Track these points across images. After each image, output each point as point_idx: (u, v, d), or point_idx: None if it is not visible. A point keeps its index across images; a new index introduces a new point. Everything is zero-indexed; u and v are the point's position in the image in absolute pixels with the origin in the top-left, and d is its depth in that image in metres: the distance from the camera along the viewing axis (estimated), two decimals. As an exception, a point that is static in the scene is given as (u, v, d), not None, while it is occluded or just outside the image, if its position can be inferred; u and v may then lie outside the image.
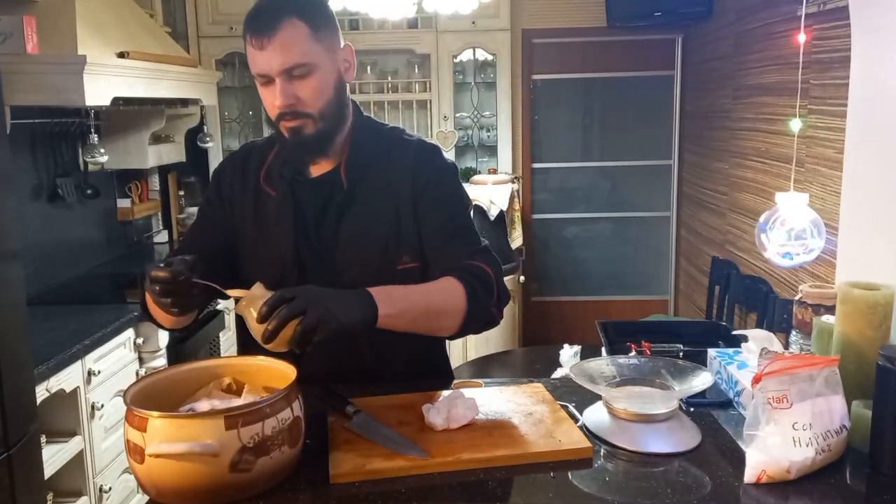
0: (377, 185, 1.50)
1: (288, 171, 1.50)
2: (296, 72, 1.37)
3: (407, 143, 1.55)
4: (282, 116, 1.41)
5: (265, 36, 1.34)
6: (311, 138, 1.42)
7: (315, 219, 1.50)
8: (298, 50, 1.36)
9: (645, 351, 2.19)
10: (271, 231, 1.51)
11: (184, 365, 1.34)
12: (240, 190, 1.55)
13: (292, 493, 1.18)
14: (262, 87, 1.41)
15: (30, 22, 2.55)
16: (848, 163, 1.70)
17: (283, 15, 1.35)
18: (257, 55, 1.37)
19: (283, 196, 1.50)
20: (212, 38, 4.37)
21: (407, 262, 1.49)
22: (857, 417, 1.28)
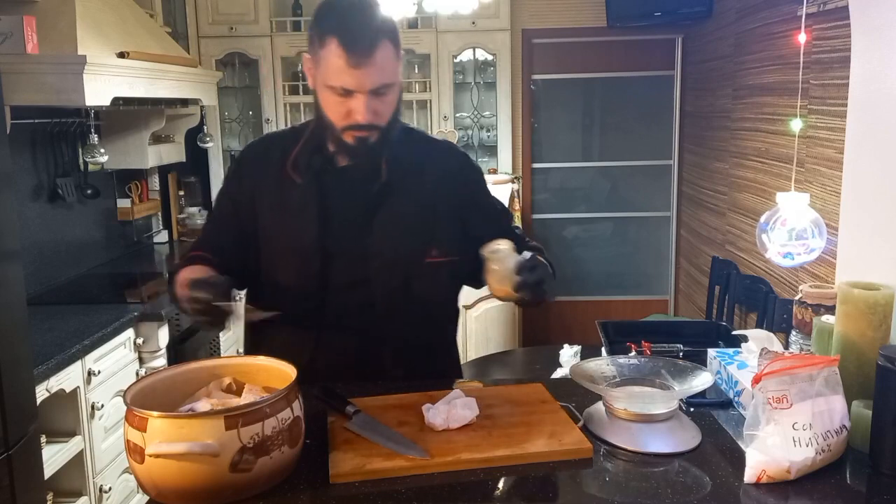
0: (416, 181, 1.54)
1: (317, 160, 1.52)
2: (381, 90, 1.42)
3: (444, 145, 1.66)
4: (352, 126, 1.43)
5: (363, 55, 1.37)
6: (374, 145, 1.46)
7: (344, 207, 1.52)
8: (389, 71, 1.41)
9: (645, 351, 2.19)
10: (295, 218, 1.52)
11: (184, 365, 1.34)
12: (261, 177, 1.56)
13: (292, 493, 1.18)
14: (334, 97, 1.42)
15: (30, 22, 2.55)
16: (848, 163, 1.70)
17: (379, 37, 1.39)
18: (349, 71, 1.38)
19: (309, 184, 1.51)
20: (212, 38, 4.37)
21: (435, 257, 1.54)
22: (857, 417, 1.28)
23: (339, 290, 1.53)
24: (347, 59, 1.37)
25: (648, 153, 5.03)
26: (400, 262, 1.52)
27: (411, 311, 1.55)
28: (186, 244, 4.36)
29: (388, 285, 1.53)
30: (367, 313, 1.54)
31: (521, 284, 1.37)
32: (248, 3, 4.34)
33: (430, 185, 1.56)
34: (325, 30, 1.39)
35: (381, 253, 1.52)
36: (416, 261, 1.53)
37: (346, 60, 1.37)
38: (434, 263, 1.53)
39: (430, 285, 1.54)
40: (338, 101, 1.42)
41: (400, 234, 1.52)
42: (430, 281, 1.54)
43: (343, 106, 1.42)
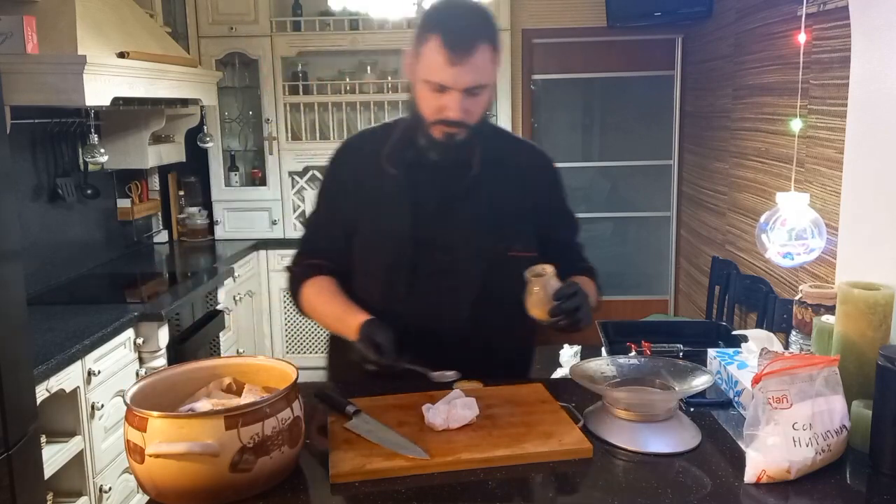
0: (501, 175, 1.61)
1: (410, 153, 1.58)
2: (475, 90, 1.47)
3: (532, 147, 1.74)
4: (442, 122, 1.49)
5: (462, 54, 1.42)
6: (461, 142, 1.52)
7: (436, 199, 1.58)
8: (484, 72, 1.47)
9: (645, 351, 2.19)
10: (389, 208, 1.60)
11: (184, 365, 1.34)
12: (357, 171, 1.65)
13: (292, 493, 1.18)
14: (429, 92, 1.48)
15: (30, 22, 2.55)
16: (848, 163, 1.70)
17: (480, 38, 1.44)
18: (446, 68, 1.43)
19: (403, 176, 1.58)
20: (212, 38, 4.37)
21: (518, 251, 1.59)
22: (857, 417, 1.28)
23: (428, 278, 1.59)
24: (447, 56, 1.43)
25: (648, 153, 5.03)
26: (484, 254, 1.58)
27: (492, 303, 1.60)
28: (186, 244, 4.37)
29: (472, 275, 1.59)
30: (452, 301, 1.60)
31: (556, 310, 1.45)
32: (248, 3, 4.33)
33: (516, 182, 1.63)
34: (430, 27, 1.46)
35: (467, 244, 1.58)
36: (499, 253, 1.58)
37: (445, 58, 1.43)
38: (515, 257, 1.57)
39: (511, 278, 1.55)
40: (432, 95, 1.48)
41: (486, 225, 1.59)
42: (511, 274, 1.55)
43: (437, 101, 1.48)
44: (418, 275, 1.59)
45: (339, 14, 4.25)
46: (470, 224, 1.58)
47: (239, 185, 4.58)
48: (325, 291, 1.64)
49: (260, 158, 4.62)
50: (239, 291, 4.02)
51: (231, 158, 4.61)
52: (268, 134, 4.47)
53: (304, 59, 4.54)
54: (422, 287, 1.59)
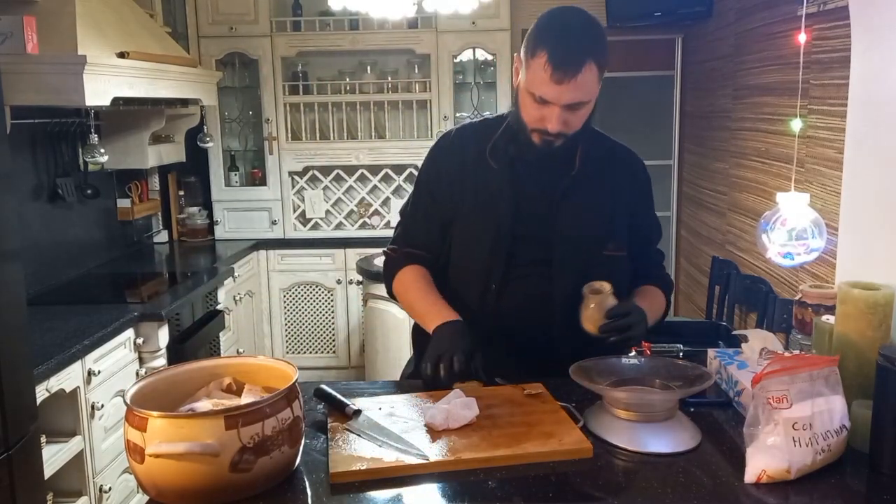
0: (599, 175, 1.66)
1: (512, 149, 1.63)
2: (576, 106, 1.52)
3: (629, 152, 1.78)
4: (541, 130, 1.54)
5: (568, 74, 1.46)
6: (557, 149, 1.57)
7: (536, 195, 1.63)
8: (587, 90, 1.50)
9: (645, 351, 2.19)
10: (491, 202, 1.64)
11: (184, 365, 1.34)
12: (458, 163, 1.68)
13: (292, 493, 1.18)
14: (531, 101, 1.53)
15: (30, 22, 2.55)
16: (848, 163, 1.70)
17: (587, 58, 1.47)
18: (551, 85, 1.47)
19: (505, 170, 1.63)
20: (212, 38, 4.37)
21: (612, 250, 1.65)
22: (857, 417, 1.28)
23: (522, 273, 1.63)
24: (552, 74, 1.47)
25: (648, 153, 4.98)
26: (580, 252, 1.62)
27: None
28: (186, 244, 4.37)
29: (568, 269, 1.62)
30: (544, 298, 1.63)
31: (606, 328, 1.52)
32: (248, 3, 4.33)
33: (613, 184, 1.68)
34: (540, 43, 1.50)
35: (564, 241, 1.62)
36: (594, 250, 1.63)
37: (550, 75, 1.47)
38: (611, 257, 1.64)
39: (604, 276, 1.59)
40: (535, 106, 1.52)
41: (583, 222, 1.63)
42: (606, 272, 1.60)
43: (538, 111, 1.52)
44: (513, 269, 1.63)
45: (339, 14, 4.24)
46: (567, 221, 1.62)
47: (239, 185, 4.58)
48: (420, 281, 1.69)
49: (260, 158, 4.62)
50: (239, 291, 4.02)
51: (231, 158, 4.61)
52: (268, 134, 4.47)
53: (304, 59, 4.54)
54: (516, 282, 1.63)
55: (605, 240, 1.64)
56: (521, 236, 1.62)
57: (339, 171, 4.58)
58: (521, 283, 1.64)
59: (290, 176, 4.54)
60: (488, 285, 1.64)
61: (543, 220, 1.62)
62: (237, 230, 4.54)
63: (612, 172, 1.69)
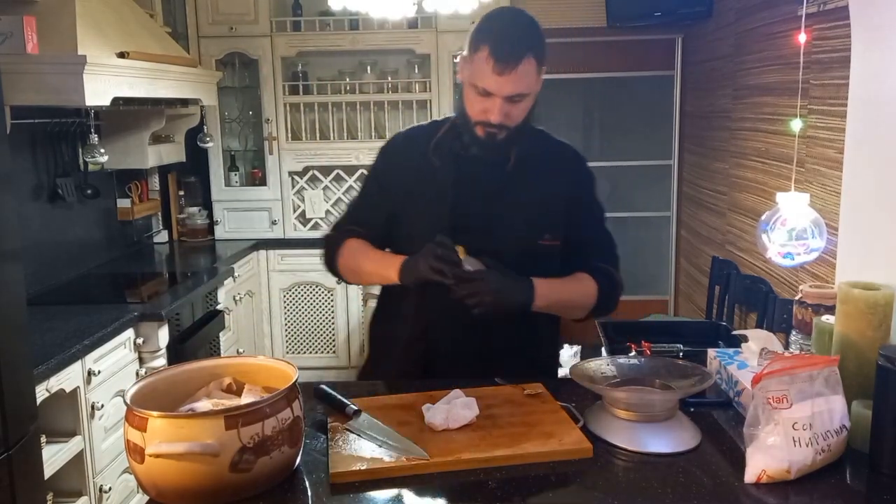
0: (536, 170, 1.72)
1: (455, 147, 1.70)
2: (516, 98, 1.59)
3: (566, 147, 1.83)
4: (484, 122, 1.61)
5: (509, 66, 1.54)
6: (500, 141, 1.64)
7: (475, 190, 1.70)
8: (527, 82, 1.58)
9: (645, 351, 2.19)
10: (432, 196, 1.71)
11: (184, 365, 1.34)
12: (406, 161, 1.77)
13: (292, 493, 1.18)
14: (475, 94, 1.60)
15: (30, 22, 2.54)
16: (848, 163, 1.70)
17: (526, 51, 1.55)
18: (492, 77, 1.55)
19: (446, 167, 1.71)
20: (212, 38, 4.37)
21: (548, 240, 1.71)
22: (857, 417, 1.28)
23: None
24: (494, 66, 1.54)
25: (648, 153, 5.03)
26: (518, 242, 1.69)
27: None
28: (186, 244, 4.37)
29: (504, 260, 1.66)
30: None
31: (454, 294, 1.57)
32: (248, 3, 4.33)
33: (549, 177, 1.74)
34: (482, 37, 1.57)
35: (502, 231, 1.69)
36: (531, 241, 1.70)
37: (492, 67, 1.54)
38: (546, 246, 1.71)
39: (541, 267, 1.69)
40: (478, 99, 1.60)
41: (520, 216, 1.70)
42: (542, 262, 1.70)
43: (481, 104, 1.60)
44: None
45: (339, 14, 4.24)
46: (504, 214, 1.69)
47: (239, 185, 4.57)
48: (362, 248, 1.77)
49: (260, 158, 4.62)
50: (239, 291, 4.02)
51: (231, 158, 4.61)
52: (268, 134, 4.47)
53: (304, 59, 4.54)
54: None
55: (540, 230, 1.70)
56: (460, 231, 1.66)
57: (340, 171, 4.58)
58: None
59: (290, 176, 4.53)
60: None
61: (482, 214, 1.69)
62: (237, 230, 4.54)
63: (550, 169, 1.74)
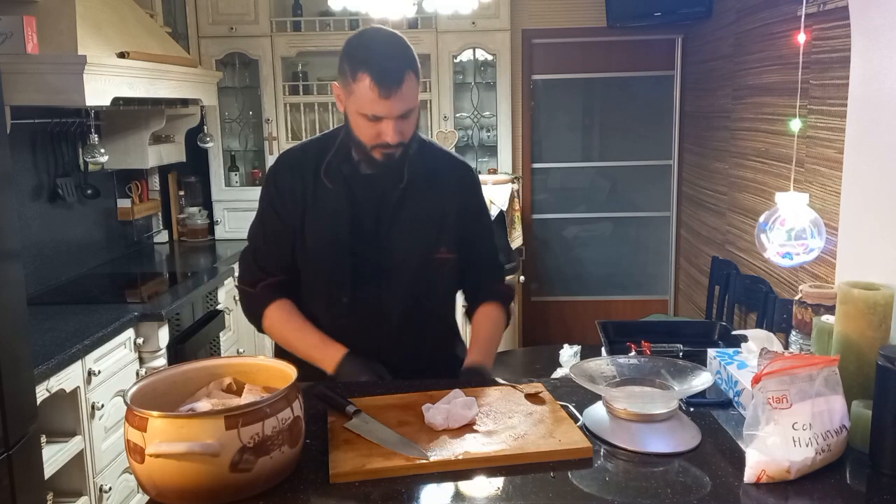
0: (428, 185, 1.73)
1: (346, 168, 1.70)
2: (406, 115, 1.61)
3: (454, 159, 1.86)
4: (381, 145, 1.62)
5: (392, 87, 1.55)
6: (398, 160, 1.66)
7: (371, 209, 1.71)
8: (412, 97, 1.61)
9: (645, 351, 2.19)
10: (329, 220, 1.71)
11: (184, 365, 1.34)
12: (298, 183, 1.73)
13: (292, 493, 1.18)
14: (365, 122, 1.60)
15: (30, 22, 2.55)
16: (848, 163, 1.70)
17: (405, 69, 1.58)
18: (379, 101, 1.56)
19: (340, 188, 1.70)
20: (212, 38, 4.37)
21: (444, 253, 1.74)
22: (857, 417, 1.28)
23: (366, 284, 1.72)
24: (379, 92, 1.55)
25: (648, 153, 5.03)
26: (414, 258, 1.72)
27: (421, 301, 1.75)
28: (187, 244, 4.37)
29: (405, 276, 1.72)
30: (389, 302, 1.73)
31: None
32: (248, 3, 4.33)
33: (441, 191, 1.75)
34: (358, 66, 1.57)
35: (399, 248, 1.71)
36: (427, 255, 1.73)
37: (377, 93, 1.55)
38: (442, 259, 1.74)
39: (438, 278, 1.76)
40: (368, 125, 1.60)
41: (416, 231, 1.72)
42: (439, 276, 1.76)
43: (373, 129, 1.60)
44: (358, 281, 1.71)
45: (339, 14, 4.24)
46: (401, 230, 1.71)
47: (239, 185, 4.58)
48: (293, 319, 1.74)
49: (260, 158, 4.62)
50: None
51: (231, 158, 4.61)
52: (268, 134, 4.47)
53: (304, 59, 4.54)
54: (362, 292, 1.72)
55: (437, 245, 1.73)
56: (360, 251, 1.70)
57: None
58: (366, 296, 1.72)
59: (290, 176, 4.53)
60: (337, 302, 1.72)
61: (379, 233, 1.71)
62: (237, 230, 4.54)
63: (439, 179, 1.76)
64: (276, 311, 1.74)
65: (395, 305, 1.73)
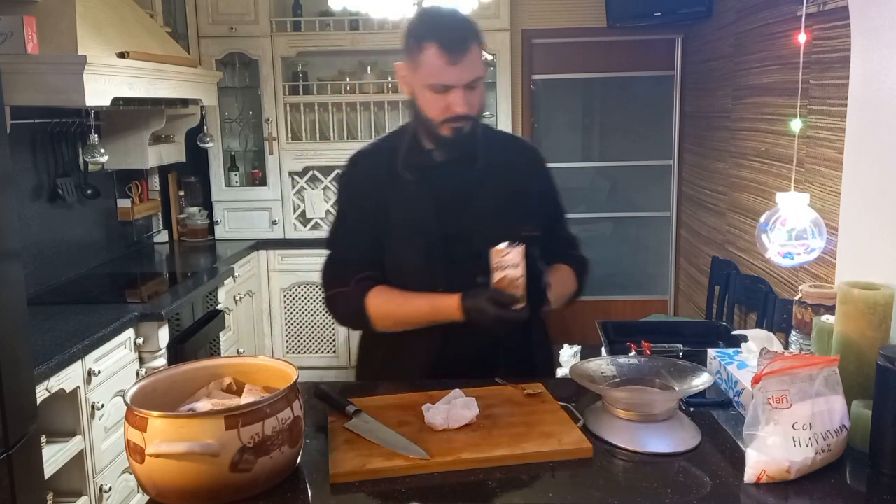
0: (503, 167, 1.76)
1: (422, 157, 1.72)
2: (473, 84, 1.62)
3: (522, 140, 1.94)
4: (450, 119, 1.62)
5: (460, 54, 1.58)
6: (467, 135, 1.66)
7: (453, 194, 1.71)
8: (478, 67, 1.63)
9: (645, 351, 2.19)
10: (414, 211, 1.71)
11: (184, 365, 1.34)
12: (373, 183, 1.75)
13: (292, 493, 1.18)
14: (432, 94, 1.62)
15: (30, 22, 2.54)
16: (848, 163, 1.70)
17: (471, 38, 1.61)
18: (447, 68, 1.58)
19: (421, 179, 1.71)
20: (212, 38, 4.37)
21: (529, 231, 1.69)
22: (857, 417, 1.28)
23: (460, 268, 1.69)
24: (447, 58, 1.57)
25: (648, 153, 5.03)
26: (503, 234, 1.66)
27: None
28: (187, 244, 4.37)
29: None
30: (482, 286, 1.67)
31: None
32: (248, 3, 4.33)
33: (516, 171, 1.78)
34: (424, 36, 1.60)
35: (485, 231, 1.66)
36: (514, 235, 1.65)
37: (445, 60, 1.57)
38: (529, 236, 1.67)
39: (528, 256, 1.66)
40: (437, 97, 1.61)
41: (500, 210, 1.72)
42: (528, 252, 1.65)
43: (442, 101, 1.61)
44: (451, 268, 1.69)
45: (339, 14, 4.24)
46: (487, 210, 1.71)
47: (239, 185, 4.58)
48: (396, 295, 1.71)
49: (260, 158, 4.62)
50: (239, 291, 4.02)
51: (231, 158, 4.61)
52: (268, 134, 4.47)
53: (304, 59, 4.54)
54: (457, 279, 1.68)
55: (521, 222, 1.71)
56: (450, 236, 1.69)
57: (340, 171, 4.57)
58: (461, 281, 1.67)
59: (291, 176, 4.53)
60: (436, 288, 1.68)
61: (464, 216, 1.71)
62: (237, 230, 4.54)
63: (512, 160, 1.79)
64: (378, 295, 1.71)
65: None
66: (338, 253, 1.80)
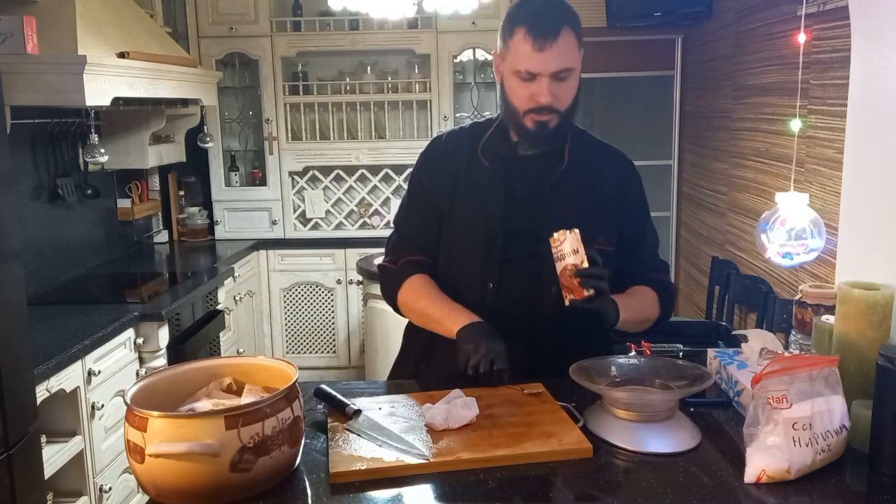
0: (588, 173, 1.68)
1: (503, 147, 1.67)
2: (561, 74, 1.54)
3: (617, 151, 1.79)
4: (534, 110, 1.56)
5: (548, 39, 1.50)
6: (552, 131, 1.59)
7: (528, 190, 1.65)
8: (569, 56, 1.53)
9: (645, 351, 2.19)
10: (483, 199, 1.66)
11: (184, 365, 1.34)
12: (451, 164, 1.70)
13: (292, 493, 1.18)
14: (518, 81, 1.55)
15: (30, 22, 2.54)
16: (848, 163, 1.70)
17: (563, 23, 1.52)
18: (534, 55, 1.51)
19: (496, 168, 1.66)
20: (212, 38, 4.37)
21: (602, 245, 1.61)
22: (857, 417, 1.28)
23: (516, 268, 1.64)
24: (533, 43, 1.50)
25: (648, 153, 5.03)
26: None
27: None
28: (187, 244, 4.37)
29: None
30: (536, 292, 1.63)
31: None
32: (248, 3, 4.33)
33: (602, 180, 1.69)
34: (515, 21, 1.54)
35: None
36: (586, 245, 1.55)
37: (531, 45, 1.50)
38: (600, 251, 1.57)
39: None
40: (522, 85, 1.55)
41: (573, 215, 1.60)
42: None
43: (527, 90, 1.55)
44: (507, 264, 1.64)
45: (339, 14, 4.24)
46: (558, 212, 1.62)
47: (239, 185, 4.58)
48: (429, 290, 1.68)
49: (260, 158, 4.62)
50: (239, 291, 4.02)
51: (231, 158, 4.61)
52: (268, 134, 4.47)
53: (304, 60, 4.54)
54: (510, 277, 1.64)
55: (595, 233, 1.60)
56: (513, 233, 1.63)
57: (339, 171, 4.58)
58: (514, 282, 1.64)
59: (291, 176, 4.54)
60: (485, 284, 1.65)
61: (534, 215, 1.63)
62: (237, 230, 4.54)
63: (602, 169, 1.70)
64: (414, 283, 1.69)
65: (543, 294, 1.62)
66: (399, 227, 1.79)
